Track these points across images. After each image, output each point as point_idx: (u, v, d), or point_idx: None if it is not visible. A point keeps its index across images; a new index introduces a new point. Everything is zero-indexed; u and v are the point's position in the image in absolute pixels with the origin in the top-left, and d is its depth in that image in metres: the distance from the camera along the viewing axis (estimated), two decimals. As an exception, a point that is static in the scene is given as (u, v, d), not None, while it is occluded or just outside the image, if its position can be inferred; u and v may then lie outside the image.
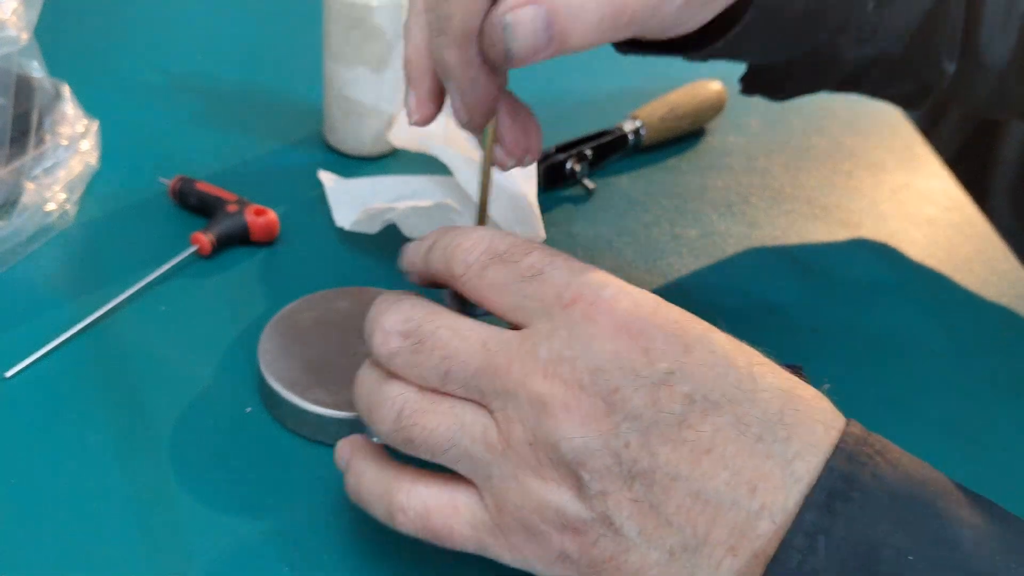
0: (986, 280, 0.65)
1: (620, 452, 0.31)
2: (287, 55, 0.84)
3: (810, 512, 0.30)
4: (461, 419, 0.34)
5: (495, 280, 0.35)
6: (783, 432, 0.32)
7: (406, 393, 0.35)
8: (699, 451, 0.31)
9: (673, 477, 0.31)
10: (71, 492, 0.43)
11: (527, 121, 0.43)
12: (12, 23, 0.54)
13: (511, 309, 0.34)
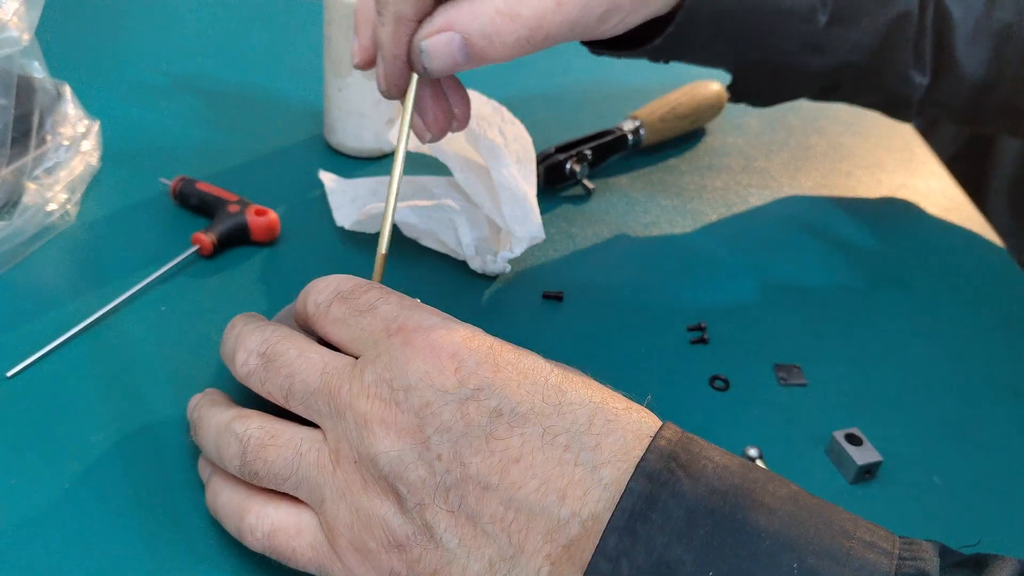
0: (984, 281, 0.65)
1: (433, 463, 0.33)
2: (288, 56, 0.84)
3: (612, 536, 0.31)
4: (299, 447, 0.36)
5: (336, 316, 0.38)
6: (591, 441, 0.33)
7: (248, 430, 0.37)
8: (508, 460, 0.33)
9: (485, 486, 0.33)
10: (72, 492, 0.43)
11: (454, 96, 0.47)
12: (14, 24, 0.54)
13: (348, 341, 0.37)
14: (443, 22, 0.40)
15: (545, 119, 0.79)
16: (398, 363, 0.35)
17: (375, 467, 0.34)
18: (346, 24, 0.64)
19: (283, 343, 0.38)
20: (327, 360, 0.37)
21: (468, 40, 0.40)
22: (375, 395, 0.34)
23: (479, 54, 0.41)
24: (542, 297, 0.58)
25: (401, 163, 0.44)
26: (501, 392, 0.34)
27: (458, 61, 0.41)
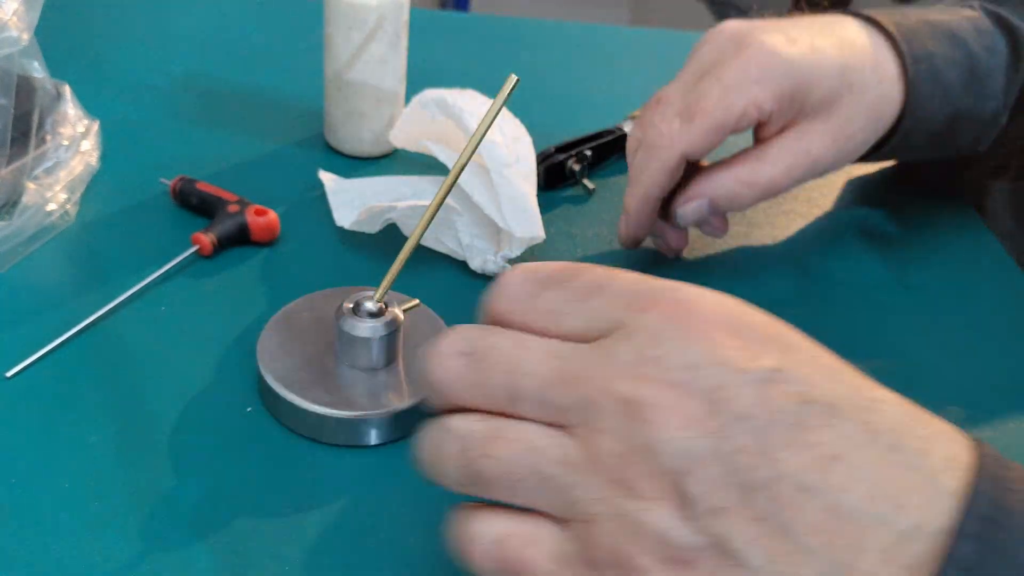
0: (985, 281, 0.65)
1: (732, 457, 0.26)
2: (288, 55, 0.84)
3: (966, 544, 0.26)
4: (534, 443, 0.29)
5: (551, 306, 0.31)
6: (918, 444, 0.28)
7: (468, 425, 0.31)
8: (825, 458, 0.27)
9: (802, 488, 0.26)
10: (72, 492, 0.43)
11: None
12: (13, 24, 0.54)
13: (582, 330, 0.30)
14: (694, 192, 0.54)
15: (545, 119, 0.79)
16: (667, 338, 0.28)
17: (654, 461, 0.27)
18: (346, 24, 0.64)
19: (490, 336, 0.31)
20: (555, 347, 0.30)
21: (714, 203, 0.53)
22: (641, 375, 0.28)
23: (724, 209, 0.54)
24: (542, 297, 0.58)
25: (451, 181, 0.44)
26: (802, 376, 0.28)
27: (704, 216, 0.54)
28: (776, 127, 0.53)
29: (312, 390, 0.46)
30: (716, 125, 0.52)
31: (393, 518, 0.43)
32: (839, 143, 0.53)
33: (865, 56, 0.54)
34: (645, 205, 0.55)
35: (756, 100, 0.52)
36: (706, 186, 0.53)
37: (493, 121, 0.44)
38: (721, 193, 0.52)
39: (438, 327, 0.52)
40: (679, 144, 0.52)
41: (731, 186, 0.53)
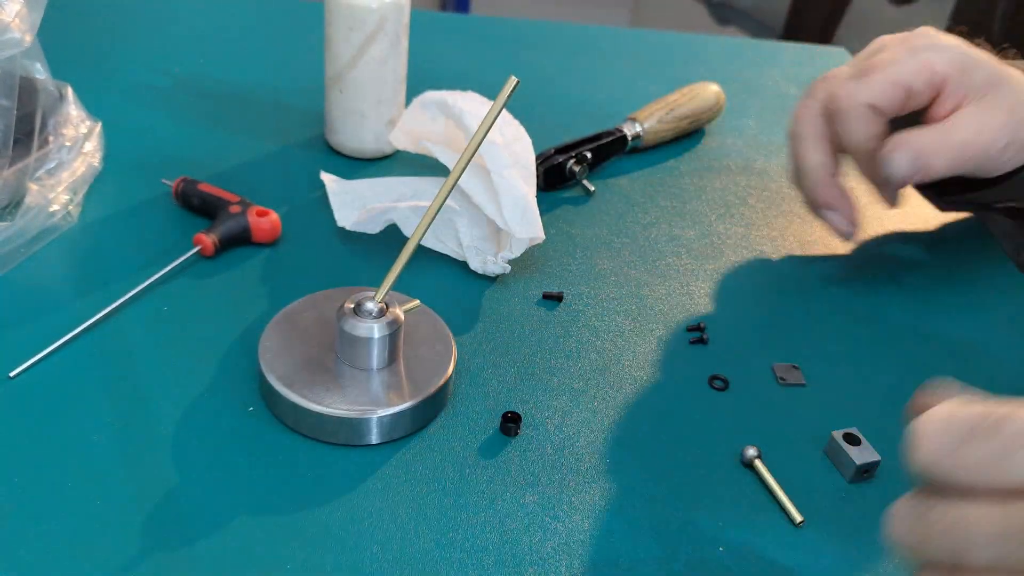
0: (984, 282, 0.65)
1: None
2: (289, 57, 0.85)
3: None
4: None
5: (979, 462, 0.28)
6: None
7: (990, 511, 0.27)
8: None
9: None
10: (74, 491, 0.43)
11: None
12: (16, 25, 0.54)
13: (1010, 487, 0.27)
14: (898, 141, 0.54)
15: (545, 120, 0.79)
16: None
17: None
18: (346, 26, 0.65)
19: (997, 406, 0.27)
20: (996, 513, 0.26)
21: (919, 153, 0.53)
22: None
23: (925, 167, 0.53)
24: (542, 297, 0.59)
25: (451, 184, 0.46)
26: None
27: (908, 173, 0.54)
28: (948, 105, 0.55)
29: (313, 390, 0.47)
30: (892, 78, 0.55)
31: (393, 518, 0.44)
32: (1014, 120, 0.55)
33: (1009, 67, 0.57)
34: (864, 160, 0.57)
35: (929, 61, 0.55)
36: (908, 137, 0.54)
37: (494, 122, 0.44)
38: (924, 144, 0.53)
39: (438, 327, 0.52)
40: (862, 95, 0.55)
41: (931, 139, 0.54)
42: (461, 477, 0.46)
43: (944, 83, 0.55)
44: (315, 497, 0.44)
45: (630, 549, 0.43)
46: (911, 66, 0.55)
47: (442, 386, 0.49)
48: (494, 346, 0.54)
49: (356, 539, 0.42)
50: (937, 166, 0.54)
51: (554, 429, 0.49)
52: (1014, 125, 0.55)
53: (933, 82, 0.55)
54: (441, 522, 0.44)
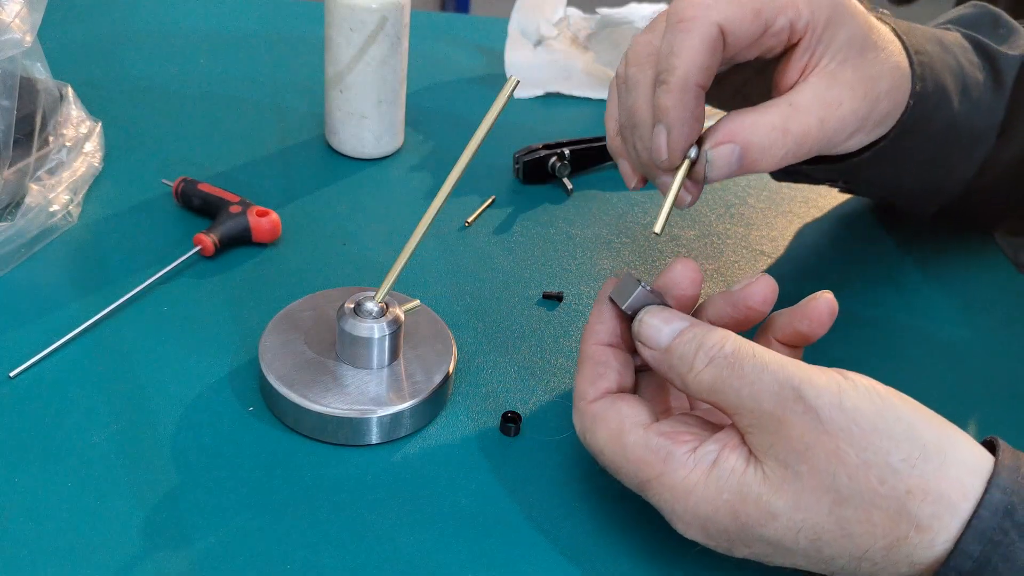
0: (984, 281, 0.65)
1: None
2: (289, 57, 0.85)
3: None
4: None
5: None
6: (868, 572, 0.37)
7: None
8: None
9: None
10: (74, 491, 0.43)
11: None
12: (16, 26, 0.54)
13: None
14: (726, 133, 0.44)
15: (544, 120, 0.79)
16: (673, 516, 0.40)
17: None
18: (346, 26, 0.65)
19: None
20: None
21: (746, 151, 0.44)
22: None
23: (751, 165, 0.45)
24: (542, 297, 0.59)
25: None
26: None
27: (733, 170, 0.45)
28: (799, 63, 0.46)
29: (313, 390, 0.47)
30: (758, 4, 0.43)
31: (393, 518, 0.44)
32: (868, 102, 0.47)
33: (885, 29, 0.50)
34: (685, 97, 0.43)
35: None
36: (738, 129, 0.44)
37: (495, 122, 0.44)
38: (755, 140, 0.44)
39: (438, 327, 0.52)
40: (715, 12, 0.42)
41: (765, 132, 0.44)
42: (461, 477, 0.46)
43: (805, 31, 0.45)
44: (315, 497, 0.44)
45: (631, 548, 0.43)
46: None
47: (442, 386, 0.49)
48: (494, 346, 0.54)
49: (356, 539, 0.42)
50: (766, 164, 0.45)
51: (554, 429, 0.49)
52: (867, 106, 0.47)
53: (795, 26, 0.44)
54: (441, 522, 0.44)
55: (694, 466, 0.38)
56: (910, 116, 0.51)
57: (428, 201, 0.58)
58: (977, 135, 0.57)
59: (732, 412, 0.38)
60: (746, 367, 0.37)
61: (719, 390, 0.38)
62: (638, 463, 0.39)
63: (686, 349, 0.39)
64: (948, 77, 0.53)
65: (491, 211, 0.66)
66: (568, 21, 0.82)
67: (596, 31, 0.82)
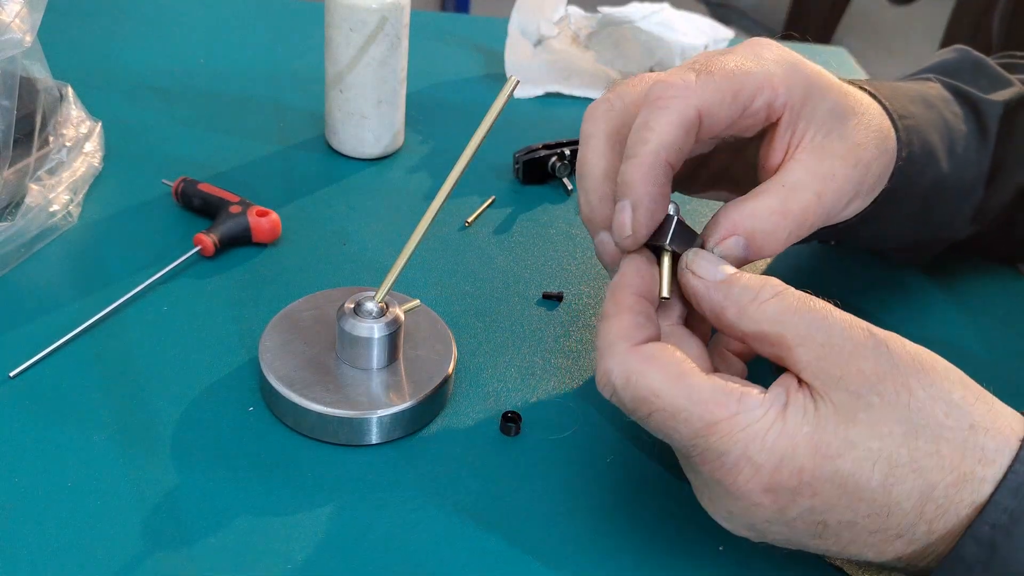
0: (984, 282, 0.65)
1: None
2: (289, 58, 0.85)
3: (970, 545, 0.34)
4: None
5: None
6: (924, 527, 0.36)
7: None
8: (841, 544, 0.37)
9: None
10: (74, 490, 0.43)
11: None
12: (16, 26, 0.54)
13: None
14: (728, 227, 0.43)
15: (544, 119, 0.79)
16: (713, 494, 0.39)
17: None
18: (347, 26, 0.65)
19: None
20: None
21: (751, 240, 0.44)
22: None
23: (757, 252, 0.44)
24: (542, 297, 0.59)
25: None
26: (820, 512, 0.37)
27: (740, 259, 0.44)
28: (783, 142, 0.46)
29: (313, 390, 0.47)
30: (736, 87, 0.43)
31: (393, 518, 0.44)
32: (860, 169, 0.47)
33: (861, 94, 0.49)
34: (655, 173, 0.41)
35: (772, 78, 0.44)
36: (739, 220, 0.43)
37: (495, 122, 0.44)
38: (757, 227, 0.43)
39: (438, 327, 0.52)
40: (695, 95, 0.42)
41: (766, 217, 0.43)
42: (461, 477, 0.46)
43: (783, 109, 0.44)
44: (315, 497, 0.44)
45: (632, 547, 0.43)
46: (756, 78, 0.43)
47: (442, 386, 0.49)
48: (494, 346, 0.54)
49: (356, 539, 0.42)
50: (771, 249, 0.44)
51: (554, 429, 0.49)
52: (859, 173, 0.46)
53: (773, 105, 0.44)
54: (441, 522, 0.44)
55: (769, 407, 0.36)
56: (899, 178, 0.50)
57: (428, 201, 0.58)
58: (965, 188, 0.56)
59: (797, 343, 0.37)
60: (816, 304, 0.38)
61: (785, 321, 0.37)
62: (707, 404, 0.36)
63: (750, 280, 0.39)
64: (935, 136, 0.53)
65: (491, 211, 0.66)
66: (569, 19, 0.82)
67: (597, 30, 0.82)
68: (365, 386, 0.47)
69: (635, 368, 0.38)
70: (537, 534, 0.43)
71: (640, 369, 0.38)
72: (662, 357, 0.38)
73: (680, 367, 0.38)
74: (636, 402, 0.38)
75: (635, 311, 0.40)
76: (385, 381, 0.48)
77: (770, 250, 0.44)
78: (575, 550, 0.43)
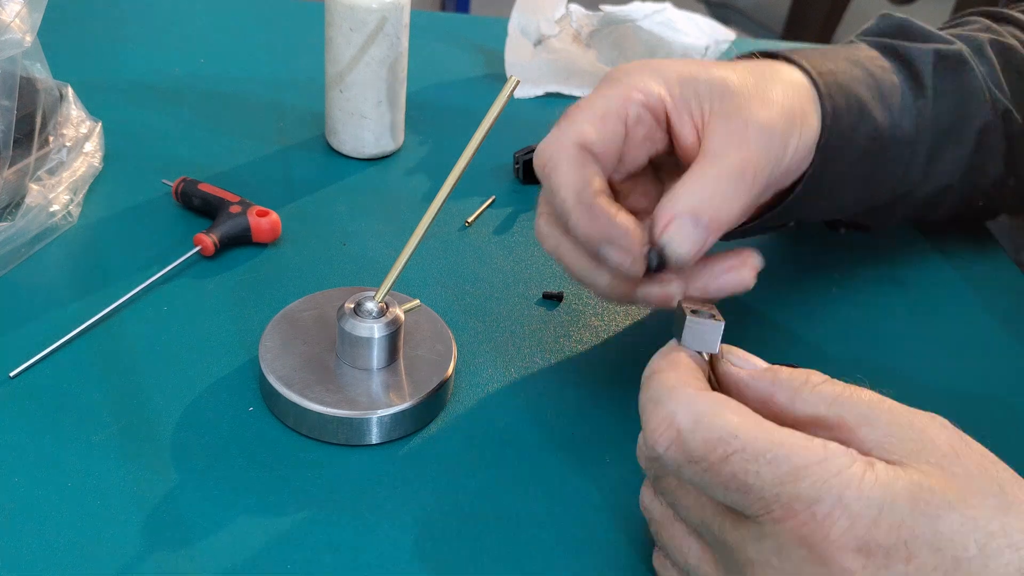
0: (984, 281, 0.65)
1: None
2: (289, 57, 0.85)
3: None
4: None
5: (694, 481, 0.35)
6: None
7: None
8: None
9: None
10: (74, 491, 0.43)
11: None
12: (16, 26, 0.54)
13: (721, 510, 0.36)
14: (666, 214, 0.42)
15: (543, 119, 0.79)
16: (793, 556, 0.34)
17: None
18: (347, 26, 0.65)
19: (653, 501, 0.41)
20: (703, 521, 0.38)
21: (697, 214, 0.42)
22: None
23: (714, 221, 0.42)
24: (542, 297, 0.59)
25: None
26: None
27: (697, 238, 0.42)
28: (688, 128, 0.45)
29: (313, 390, 0.47)
30: (601, 110, 0.44)
31: (393, 518, 0.44)
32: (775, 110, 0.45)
33: (763, 64, 0.49)
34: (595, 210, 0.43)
35: (634, 82, 0.45)
36: (673, 202, 0.42)
37: (495, 122, 0.44)
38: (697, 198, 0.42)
39: (438, 327, 0.52)
40: (567, 137, 0.44)
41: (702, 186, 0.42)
42: (461, 477, 0.46)
43: (665, 100, 0.45)
44: (315, 497, 0.44)
45: (633, 546, 0.43)
46: (619, 91, 0.45)
47: (442, 386, 0.49)
48: (494, 346, 0.54)
49: (356, 539, 0.42)
50: (727, 211, 0.42)
51: (554, 429, 0.49)
52: (776, 114, 0.45)
53: (650, 103, 0.45)
54: (441, 522, 0.44)
55: (856, 457, 0.33)
56: (834, 133, 0.49)
57: (428, 201, 0.58)
58: (908, 137, 0.55)
59: (860, 424, 0.34)
60: (866, 392, 0.35)
61: (843, 403, 0.35)
62: (794, 447, 0.33)
63: (794, 371, 0.37)
64: (861, 89, 0.52)
65: (491, 211, 0.66)
66: (571, 17, 0.82)
67: (599, 28, 0.82)
68: (365, 386, 0.47)
69: (707, 409, 0.34)
70: (537, 534, 0.43)
71: (714, 410, 0.34)
72: (734, 403, 0.35)
73: (756, 415, 0.35)
74: (710, 444, 0.34)
75: (692, 366, 0.37)
76: (385, 381, 0.48)
77: (726, 214, 0.42)
78: (575, 550, 0.43)
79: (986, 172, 0.60)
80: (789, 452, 0.33)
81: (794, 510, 0.32)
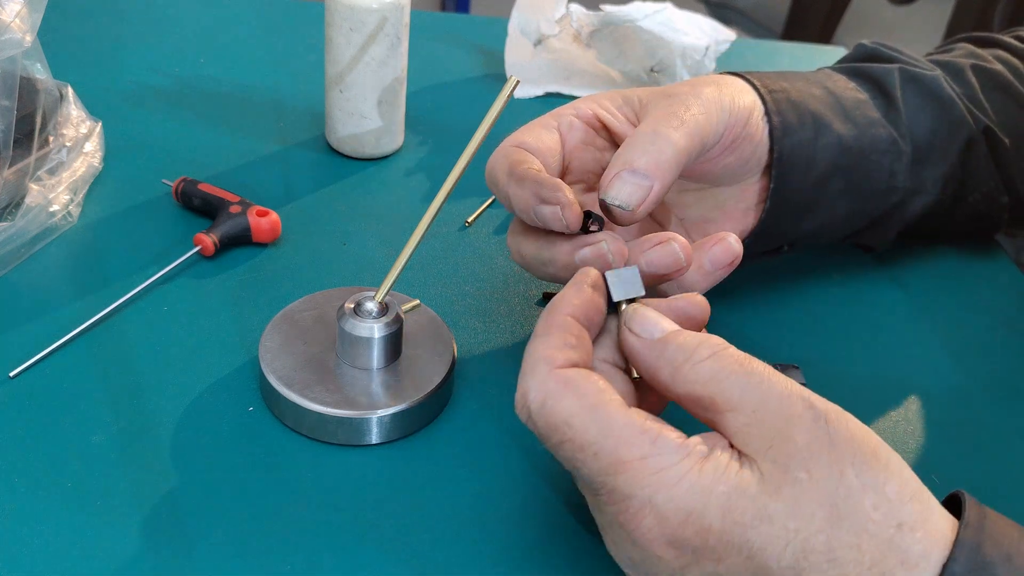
0: (984, 281, 0.65)
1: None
2: (289, 57, 0.85)
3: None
4: None
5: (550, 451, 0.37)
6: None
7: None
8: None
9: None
10: (74, 491, 0.43)
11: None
12: (16, 26, 0.54)
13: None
14: (609, 173, 0.44)
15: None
16: (618, 537, 0.37)
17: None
18: (347, 26, 0.65)
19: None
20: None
21: (632, 164, 0.44)
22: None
23: (653, 166, 0.44)
24: (542, 297, 0.59)
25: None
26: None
27: (641, 186, 0.44)
28: (628, 126, 0.50)
29: (313, 390, 0.47)
30: (534, 123, 0.50)
31: (393, 518, 0.44)
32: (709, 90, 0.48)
33: (710, 76, 0.52)
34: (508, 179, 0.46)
35: (569, 105, 0.51)
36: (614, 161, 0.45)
37: (495, 122, 0.44)
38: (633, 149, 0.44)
39: (438, 327, 0.52)
40: (503, 143, 0.49)
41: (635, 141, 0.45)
42: (461, 477, 0.46)
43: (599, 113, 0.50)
44: (315, 497, 0.44)
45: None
46: (551, 112, 0.51)
47: (442, 386, 0.49)
48: (494, 346, 0.54)
49: (356, 539, 0.42)
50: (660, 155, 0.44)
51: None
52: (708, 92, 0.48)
53: (581, 114, 0.50)
54: (441, 522, 0.44)
55: (686, 455, 0.34)
56: (792, 147, 0.52)
57: (428, 201, 0.58)
58: (881, 147, 0.56)
59: (729, 408, 0.35)
60: (754, 366, 0.35)
61: (720, 380, 0.35)
62: (619, 441, 0.34)
63: (686, 340, 0.37)
64: (818, 106, 0.53)
65: (491, 211, 0.66)
66: (572, 17, 0.82)
67: (599, 28, 0.82)
68: (365, 386, 0.47)
69: (551, 392, 0.36)
70: (537, 534, 0.43)
71: (555, 393, 0.36)
72: (581, 384, 0.36)
73: (598, 397, 0.35)
74: (548, 429, 0.36)
75: (565, 331, 0.38)
76: (385, 381, 0.48)
77: (656, 157, 0.44)
78: (575, 550, 0.43)
79: (976, 188, 0.61)
80: (615, 445, 0.34)
81: (613, 499, 0.35)
